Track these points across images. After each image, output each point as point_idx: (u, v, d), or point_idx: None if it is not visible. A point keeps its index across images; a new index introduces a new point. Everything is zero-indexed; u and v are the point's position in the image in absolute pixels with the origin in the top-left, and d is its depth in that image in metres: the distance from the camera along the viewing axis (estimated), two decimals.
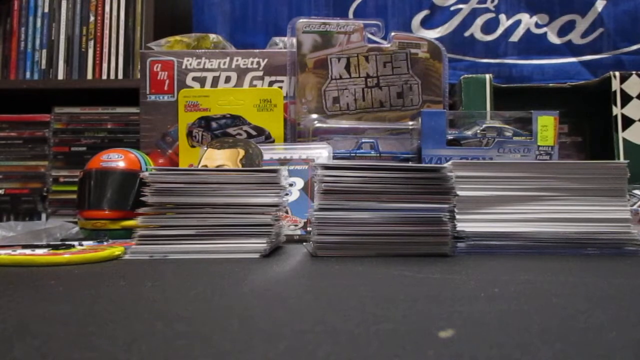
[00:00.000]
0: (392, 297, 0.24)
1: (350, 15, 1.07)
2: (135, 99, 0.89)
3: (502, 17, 1.27)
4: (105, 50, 1.35)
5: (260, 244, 0.46)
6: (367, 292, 0.26)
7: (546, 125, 0.72)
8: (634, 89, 0.85)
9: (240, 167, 0.64)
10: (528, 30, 1.26)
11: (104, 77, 1.34)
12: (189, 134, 0.81)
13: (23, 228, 0.73)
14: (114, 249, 0.44)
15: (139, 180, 0.66)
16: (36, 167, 1.33)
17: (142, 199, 0.47)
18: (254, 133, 0.80)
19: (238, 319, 0.20)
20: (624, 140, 0.84)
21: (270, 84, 0.83)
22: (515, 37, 1.27)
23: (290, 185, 0.67)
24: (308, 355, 0.15)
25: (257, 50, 0.86)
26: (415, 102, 0.81)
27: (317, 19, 0.83)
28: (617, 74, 0.85)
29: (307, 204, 0.66)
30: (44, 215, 1.31)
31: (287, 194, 0.59)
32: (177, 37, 0.97)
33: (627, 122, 0.84)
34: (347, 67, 0.81)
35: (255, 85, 0.83)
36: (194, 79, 0.84)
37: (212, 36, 0.97)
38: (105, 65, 1.35)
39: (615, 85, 0.85)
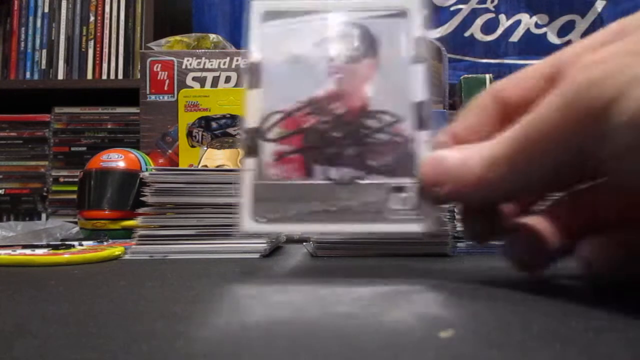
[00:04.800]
0: (392, 297, 0.24)
1: None
2: (135, 99, 0.89)
3: (502, 17, 1.27)
4: (105, 50, 1.35)
5: (260, 244, 0.46)
6: (367, 292, 0.26)
7: None
8: None
9: (240, 167, 0.64)
10: (528, 31, 1.26)
11: (104, 77, 1.35)
12: (189, 134, 0.81)
13: (23, 228, 0.73)
14: (114, 249, 0.44)
15: (139, 180, 0.67)
16: (36, 167, 1.33)
17: (142, 199, 0.47)
18: None
19: (238, 319, 0.20)
20: None
21: None
22: (515, 37, 1.26)
23: None
24: (308, 355, 0.15)
25: None
26: None
27: None
28: None
29: None
30: (44, 215, 1.31)
31: None
32: (177, 37, 0.97)
33: None
34: None
35: None
36: (194, 79, 0.85)
37: (212, 36, 0.97)
38: (105, 65, 1.35)
39: None
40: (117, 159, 0.69)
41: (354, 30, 0.33)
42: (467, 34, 1.26)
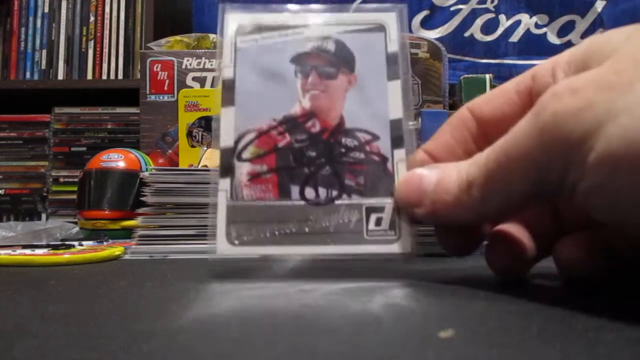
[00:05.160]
0: (392, 297, 0.24)
1: None
2: (135, 99, 0.89)
3: (502, 17, 1.27)
4: (105, 50, 1.35)
5: None
6: (367, 292, 0.26)
7: None
8: None
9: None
10: (528, 31, 1.26)
11: (104, 77, 1.35)
12: (189, 134, 0.81)
13: (23, 228, 0.73)
14: (114, 249, 0.44)
15: (139, 180, 0.67)
16: (36, 167, 1.33)
17: (142, 199, 0.47)
18: None
19: (238, 319, 0.20)
20: None
21: None
22: (515, 38, 1.26)
23: None
24: (308, 355, 0.15)
25: None
26: (415, 102, 0.81)
27: None
28: None
29: None
30: (44, 215, 1.31)
31: None
32: (177, 37, 0.97)
33: None
34: None
35: None
36: (194, 79, 0.85)
37: (212, 36, 0.97)
38: (105, 65, 1.35)
39: None
40: (117, 159, 0.69)
41: (330, 46, 0.32)
42: (467, 34, 1.26)
